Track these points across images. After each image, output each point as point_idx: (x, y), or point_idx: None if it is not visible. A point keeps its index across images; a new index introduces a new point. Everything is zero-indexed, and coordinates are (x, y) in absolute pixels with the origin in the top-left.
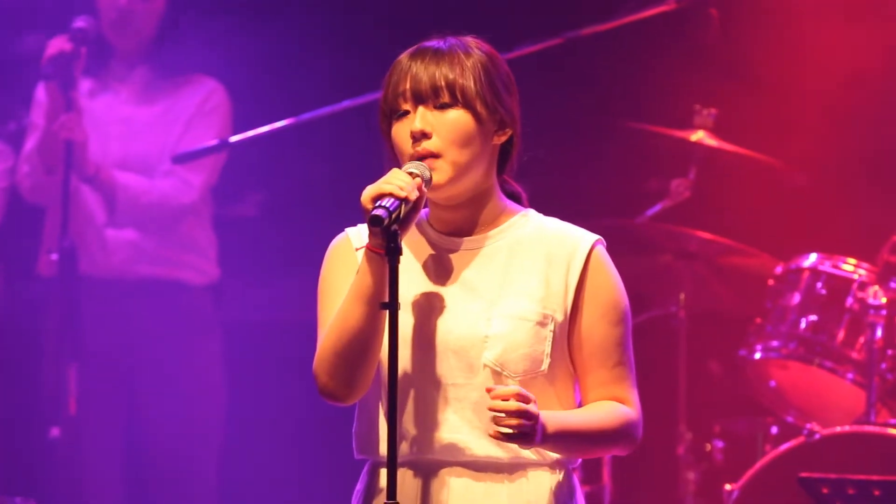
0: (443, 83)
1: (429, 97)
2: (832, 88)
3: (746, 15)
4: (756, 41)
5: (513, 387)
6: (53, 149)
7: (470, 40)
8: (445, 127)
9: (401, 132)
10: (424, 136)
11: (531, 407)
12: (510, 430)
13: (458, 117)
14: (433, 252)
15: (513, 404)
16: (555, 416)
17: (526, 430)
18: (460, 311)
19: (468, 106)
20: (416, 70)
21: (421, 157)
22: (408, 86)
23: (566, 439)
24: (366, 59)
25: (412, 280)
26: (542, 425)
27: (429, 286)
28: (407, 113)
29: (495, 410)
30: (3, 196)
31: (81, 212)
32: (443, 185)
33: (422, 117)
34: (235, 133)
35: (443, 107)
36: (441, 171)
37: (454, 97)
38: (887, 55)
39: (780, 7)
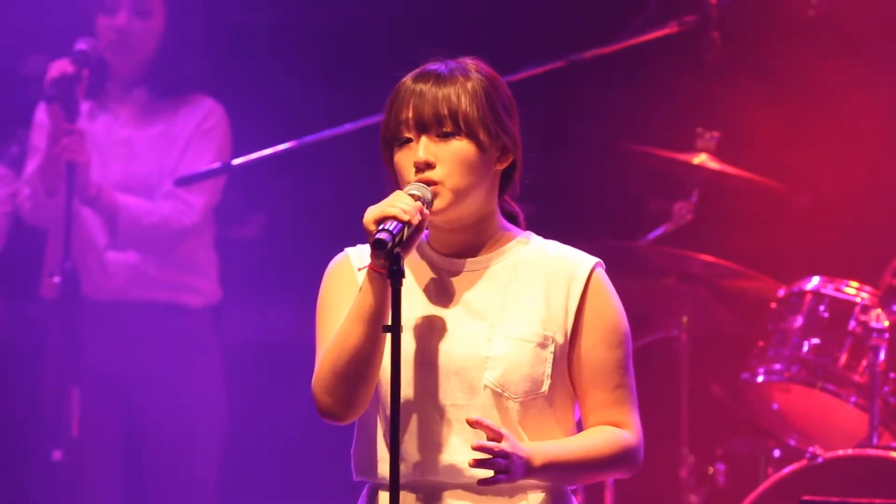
0: (445, 112)
1: (431, 126)
2: (834, 111)
3: (748, 38)
4: (758, 65)
5: (487, 421)
6: (55, 171)
7: (470, 63)
8: (449, 157)
9: (403, 160)
10: (428, 166)
11: (503, 445)
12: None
13: (460, 147)
14: (434, 274)
15: (487, 444)
16: (544, 448)
17: (499, 468)
18: (461, 333)
19: (471, 134)
20: (419, 97)
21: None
22: (410, 114)
23: (557, 470)
24: (367, 82)
25: (413, 301)
26: (526, 460)
27: (430, 307)
28: (409, 141)
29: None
30: (5, 221)
31: (83, 234)
32: (443, 210)
33: (425, 147)
34: (234, 152)
35: (446, 136)
36: (442, 197)
37: (457, 126)
38: (890, 73)
39: (781, 30)
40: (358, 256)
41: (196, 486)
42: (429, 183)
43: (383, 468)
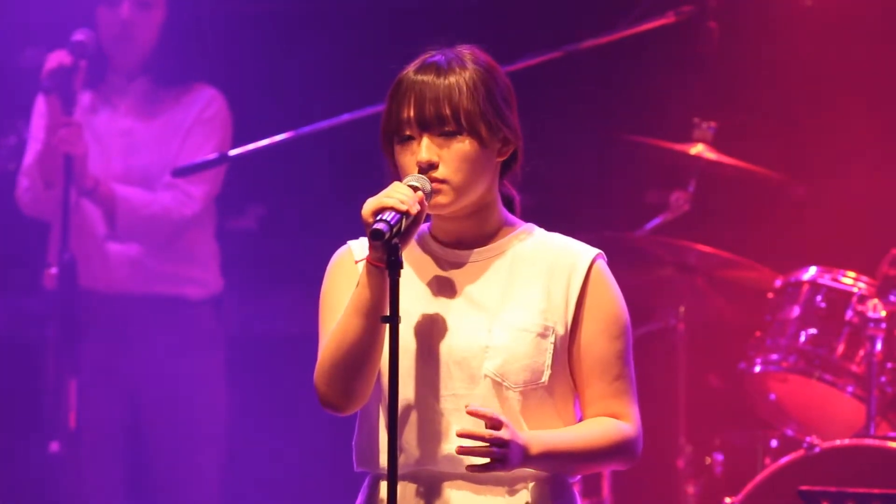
0: (448, 112)
1: (433, 125)
2: (831, 100)
3: (745, 28)
4: (755, 54)
5: (485, 409)
6: (53, 163)
7: (467, 53)
8: (451, 156)
9: (406, 159)
10: (431, 166)
11: (502, 433)
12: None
13: (463, 146)
14: (435, 263)
15: (474, 431)
16: (541, 437)
17: (496, 456)
18: (461, 322)
19: (472, 132)
20: (420, 94)
21: None
22: (412, 113)
23: (554, 459)
24: (366, 73)
25: (413, 291)
26: (523, 447)
27: (430, 297)
28: (411, 138)
29: (465, 438)
30: None
31: (84, 226)
32: (446, 206)
33: (427, 148)
34: (235, 141)
35: (448, 135)
36: (445, 194)
37: (459, 124)
38: (887, 64)
39: (778, 20)
40: (360, 249)
41: (197, 478)
42: (432, 182)
43: (384, 459)
